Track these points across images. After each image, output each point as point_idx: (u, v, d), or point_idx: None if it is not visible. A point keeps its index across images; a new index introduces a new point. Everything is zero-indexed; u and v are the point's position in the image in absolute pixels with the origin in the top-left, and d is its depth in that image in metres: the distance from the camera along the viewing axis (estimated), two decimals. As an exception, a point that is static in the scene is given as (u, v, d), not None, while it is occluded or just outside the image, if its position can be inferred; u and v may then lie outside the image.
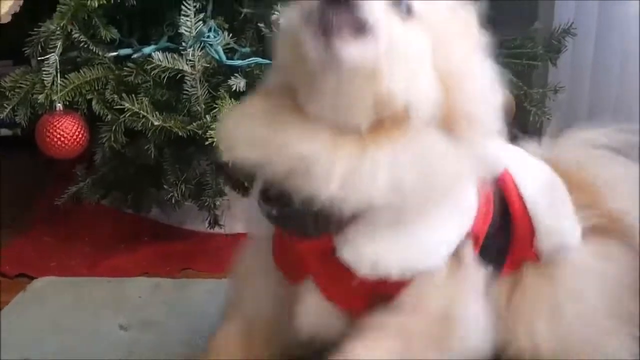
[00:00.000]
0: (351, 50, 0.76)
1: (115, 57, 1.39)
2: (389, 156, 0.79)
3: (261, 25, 1.38)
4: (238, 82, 1.36)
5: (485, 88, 0.86)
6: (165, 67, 1.24)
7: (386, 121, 0.81)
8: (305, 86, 0.83)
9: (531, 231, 0.98)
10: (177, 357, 1.15)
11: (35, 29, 1.38)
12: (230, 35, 1.42)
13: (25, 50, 1.41)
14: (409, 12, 0.81)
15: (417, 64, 0.81)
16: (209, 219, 1.58)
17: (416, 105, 0.80)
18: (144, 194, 1.71)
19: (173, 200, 1.50)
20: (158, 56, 1.23)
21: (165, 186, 1.51)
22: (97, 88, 1.40)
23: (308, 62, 0.79)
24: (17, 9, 1.34)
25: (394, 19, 0.80)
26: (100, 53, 1.38)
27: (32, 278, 1.50)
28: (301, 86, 0.84)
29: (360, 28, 0.76)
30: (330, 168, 0.78)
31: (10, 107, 1.42)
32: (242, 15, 1.43)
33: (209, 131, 1.29)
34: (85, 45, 1.38)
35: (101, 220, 1.77)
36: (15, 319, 1.32)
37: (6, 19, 1.32)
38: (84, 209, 1.73)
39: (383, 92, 0.79)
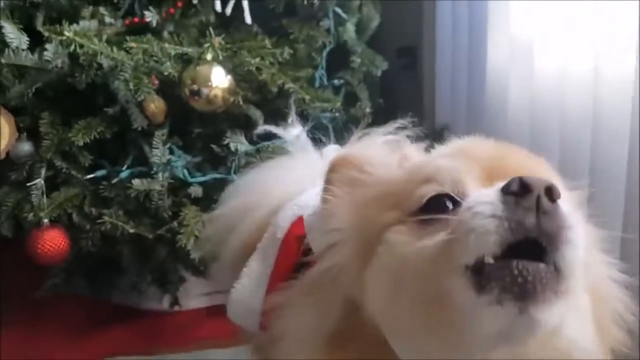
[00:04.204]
0: (552, 313, 0.59)
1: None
2: None
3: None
4: (196, 190, 1.71)
5: None
6: (142, 190, 1.57)
7: None
8: (426, 343, 0.65)
9: None
10: None
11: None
12: (183, 151, 1.76)
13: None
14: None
15: (582, 299, 0.68)
16: (170, 300, 1.90)
17: (589, 346, 0.67)
18: (104, 279, 2.00)
19: (141, 288, 1.82)
20: (136, 182, 1.57)
21: (133, 277, 1.82)
22: (76, 204, 1.70)
23: (462, 329, 0.61)
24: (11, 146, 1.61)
25: None
26: (79, 175, 1.68)
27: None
28: (411, 343, 0.66)
29: (562, 283, 0.60)
30: None
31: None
32: (195, 133, 1.78)
33: (178, 235, 1.62)
34: (66, 170, 1.68)
35: (65, 307, 1.99)
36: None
37: (2, 156, 1.58)
38: (47, 299, 1.92)
39: (563, 345, 0.65)
